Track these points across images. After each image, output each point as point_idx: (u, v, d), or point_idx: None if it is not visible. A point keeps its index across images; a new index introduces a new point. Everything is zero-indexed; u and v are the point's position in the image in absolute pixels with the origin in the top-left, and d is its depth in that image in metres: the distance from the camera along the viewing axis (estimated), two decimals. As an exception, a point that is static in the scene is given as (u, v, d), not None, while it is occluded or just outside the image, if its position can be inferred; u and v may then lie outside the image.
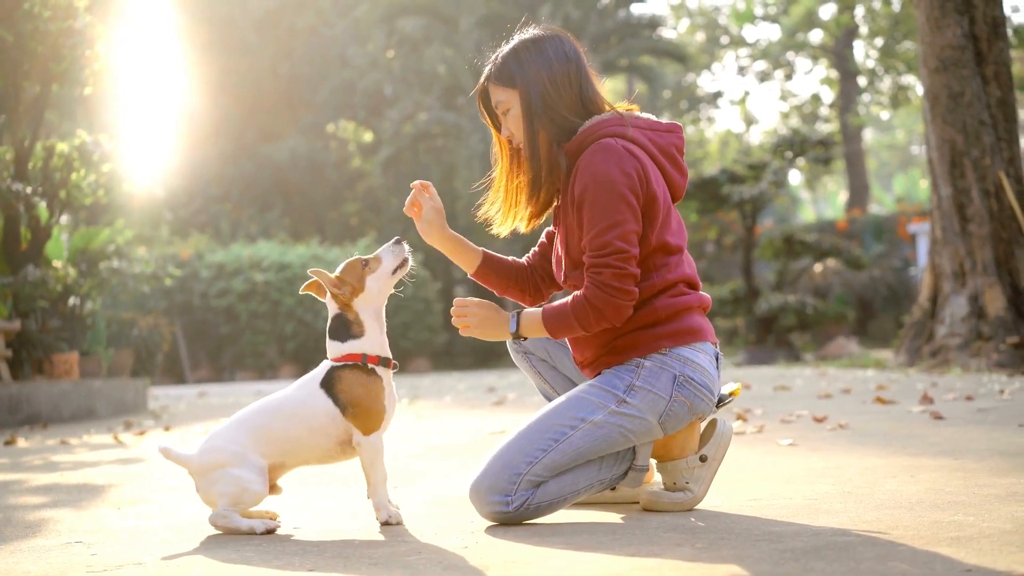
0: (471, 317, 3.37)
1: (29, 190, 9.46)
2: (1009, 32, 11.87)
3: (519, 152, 3.43)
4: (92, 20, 9.71)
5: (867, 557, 2.45)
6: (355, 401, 3.23)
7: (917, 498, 3.27)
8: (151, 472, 5.12)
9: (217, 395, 14.58)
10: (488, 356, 24.78)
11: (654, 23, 30.06)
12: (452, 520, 3.34)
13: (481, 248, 3.61)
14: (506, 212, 3.52)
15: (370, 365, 3.28)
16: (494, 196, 3.54)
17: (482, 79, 3.44)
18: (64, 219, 11.99)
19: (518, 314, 3.34)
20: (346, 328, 3.31)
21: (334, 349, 3.32)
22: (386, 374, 3.31)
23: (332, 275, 3.34)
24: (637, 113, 3.40)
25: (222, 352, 23.17)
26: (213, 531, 3.28)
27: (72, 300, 10.24)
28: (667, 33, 36.93)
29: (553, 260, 3.50)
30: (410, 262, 3.39)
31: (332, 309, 3.35)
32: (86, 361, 10.23)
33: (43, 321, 9.80)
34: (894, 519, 2.92)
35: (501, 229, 3.54)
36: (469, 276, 3.65)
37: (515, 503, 3.14)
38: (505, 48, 3.41)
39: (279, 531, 3.26)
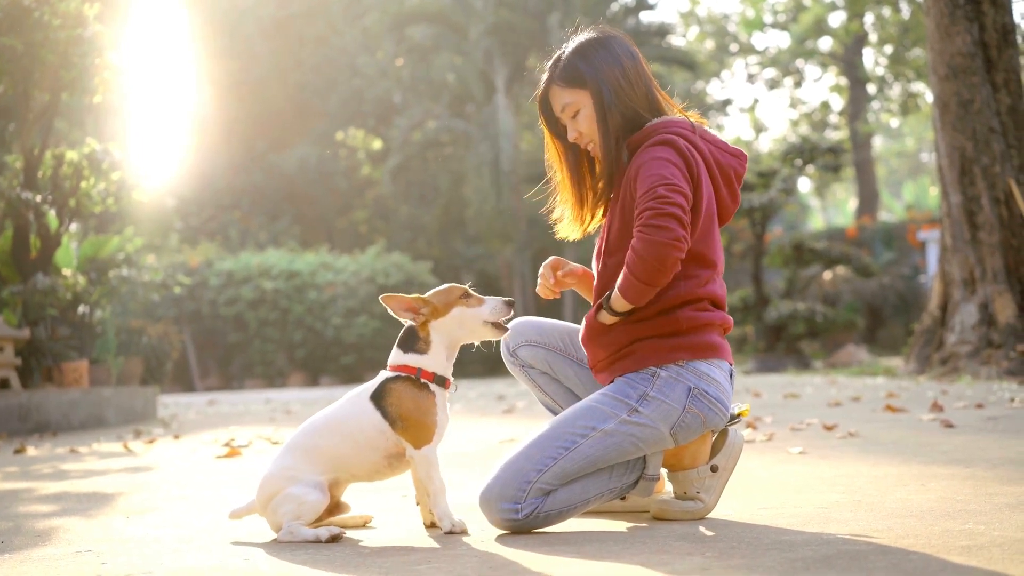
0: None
1: (39, 198, 9.49)
2: (1019, 39, 11.86)
3: (587, 153, 3.40)
4: (102, 28, 9.72)
5: (878, 566, 2.44)
6: (404, 415, 3.18)
7: (928, 507, 3.26)
8: (160, 481, 5.13)
9: (227, 403, 14.60)
10: (498, 364, 24.74)
11: (663, 31, 30.12)
12: (462, 529, 3.32)
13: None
14: (577, 215, 3.48)
15: (423, 380, 3.23)
16: (562, 203, 3.50)
17: (543, 84, 3.39)
18: (74, 227, 12.02)
19: (607, 299, 3.24)
20: (413, 341, 3.27)
21: (395, 356, 3.28)
22: (440, 392, 3.25)
23: (410, 296, 3.26)
24: (707, 127, 3.37)
25: (231, 360, 23.22)
26: (224, 540, 3.28)
27: (81, 308, 10.25)
28: (676, 41, 36.93)
29: (594, 257, 3.42)
30: (506, 333, 3.33)
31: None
32: (95, 369, 10.24)
33: (52, 329, 9.81)
34: (905, 528, 2.91)
35: (573, 233, 3.52)
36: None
37: (525, 511, 3.13)
38: (567, 49, 3.36)
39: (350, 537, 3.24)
